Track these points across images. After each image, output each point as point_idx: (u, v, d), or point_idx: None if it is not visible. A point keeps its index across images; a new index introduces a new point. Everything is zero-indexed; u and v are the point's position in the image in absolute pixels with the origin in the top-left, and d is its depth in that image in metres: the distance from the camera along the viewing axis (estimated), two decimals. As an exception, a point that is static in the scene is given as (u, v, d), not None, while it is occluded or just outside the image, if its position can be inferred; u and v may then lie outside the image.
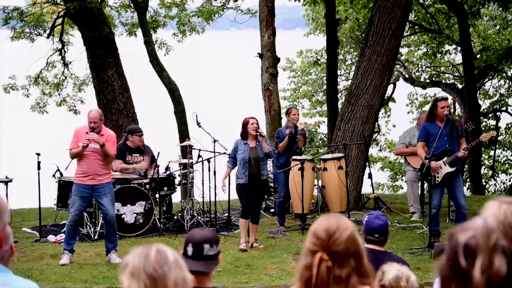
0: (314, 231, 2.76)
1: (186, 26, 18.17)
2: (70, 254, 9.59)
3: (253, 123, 9.98)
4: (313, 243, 2.72)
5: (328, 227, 2.74)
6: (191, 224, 11.30)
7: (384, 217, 5.30)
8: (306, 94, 23.77)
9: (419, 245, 10.06)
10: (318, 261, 2.68)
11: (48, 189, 11.60)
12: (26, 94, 17.68)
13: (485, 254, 2.26)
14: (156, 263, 2.40)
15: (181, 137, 16.56)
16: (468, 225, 2.34)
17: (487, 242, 2.27)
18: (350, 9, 19.48)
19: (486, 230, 2.30)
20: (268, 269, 9.15)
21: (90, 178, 9.42)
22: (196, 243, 3.68)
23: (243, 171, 10.01)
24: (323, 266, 2.68)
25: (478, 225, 2.32)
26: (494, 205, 2.67)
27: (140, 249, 2.48)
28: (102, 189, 9.45)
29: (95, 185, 9.42)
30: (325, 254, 2.69)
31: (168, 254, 2.44)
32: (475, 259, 2.26)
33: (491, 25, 22.94)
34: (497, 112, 23.08)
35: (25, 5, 17.54)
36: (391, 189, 23.50)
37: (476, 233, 2.29)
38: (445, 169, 9.72)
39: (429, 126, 9.80)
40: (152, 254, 2.43)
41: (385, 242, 5.25)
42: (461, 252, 2.28)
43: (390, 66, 12.85)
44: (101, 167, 9.44)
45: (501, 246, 2.28)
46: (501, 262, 2.25)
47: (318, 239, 2.72)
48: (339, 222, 2.76)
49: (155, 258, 2.41)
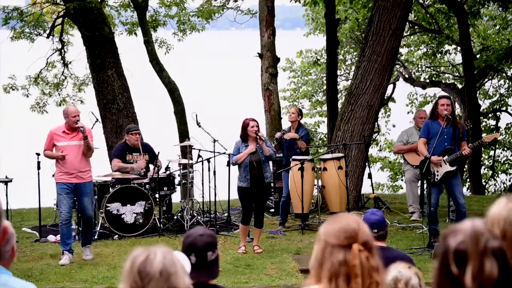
0: (342, 227, 2.76)
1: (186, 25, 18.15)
2: (70, 254, 9.62)
3: (253, 126, 9.79)
4: (345, 237, 2.72)
5: (354, 220, 2.78)
6: (191, 224, 11.29)
7: (380, 212, 5.32)
8: (306, 94, 23.76)
9: (419, 245, 10.06)
10: (358, 251, 2.69)
11: (48, 189, 11.59)
12: (26, 94, 17.66)
13: (475, 259, 2.23)
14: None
15: (181, 137, 16.55)
16: (458, 229, 2.31)
17: (476, 247, 2.24)
18: (350, 9, 19.46)
19: (475, 234, 2.27)
20: (268, 269, 9.15)
21: (74, 176, 9.57)
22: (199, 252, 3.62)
23: (245, 175, 9.84)
24: (362, 257, 2.70)
25: (467, 229, 2.29)
26: (503, 202, 2.66)
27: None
28: (84, 189, 9.63)
29: (78, 183, 9.58)
30: (360, 246, 2.71)
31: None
32: (466, 265, 2.24)
33: (491, 25, 22.93)
34: (497, 112, 23.07)
35: (25, 5, 17.52)
36: (391, 189, 23.48)
37: (465, 238, 2.27)
38: (445, 168, 9.73)
39: (431, 124, 9.81)
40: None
41: (385, 237, 5.24)
42: (452, 259, 2.26)
43: (390, 66, 12.85)
44: (83, 164, 9.61)
45: (491, 249, 2.25)
46: (492, 266, 2.22)
47: (350, 232, 2.73)
48: (353, 217, 2.82)
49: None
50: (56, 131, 9.64)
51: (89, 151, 9.59)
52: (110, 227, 10.95)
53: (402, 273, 3.81)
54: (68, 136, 9.58)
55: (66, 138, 9.58)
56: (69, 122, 9.56)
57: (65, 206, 9.54)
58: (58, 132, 9.63)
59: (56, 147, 9.64)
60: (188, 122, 16.99)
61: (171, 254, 2.46)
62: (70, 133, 9.58)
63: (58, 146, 9.61)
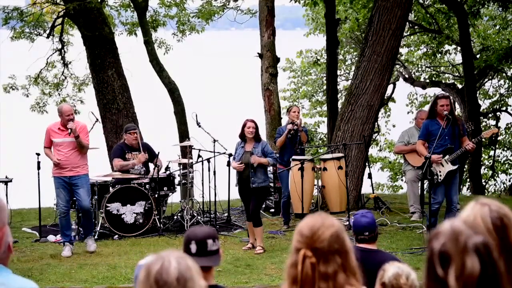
0: (299, 229, 2.79)
1: (185, 26, 18.15)
2: (71, 245, 9.84)
3: (249, 127, 9.80)
4: (298, 241, 2.75)
5: (312, 224, 2.76)
6: (191, 224, 11.29)
7: (370, 214, 5.32)
8: (306, 94, 23.76)
9: (419, 245, 10.06)
10: (302, 257, 2.70)
11: (48, 189, 11.59)
12: (26, 94, 17.67)
13: (457, 259, 2.23)
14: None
15: (181, 137, 16.54)
16: (439, 231, 2.31)
17: (456, 246, 2.24)
18: (350, 9, 19.46)
19: (454, 233, 2.27)
20: (268, 269, 9.15)
21: (68, 170, 9.84)
22: (199, 240, 3.69)
23: (236, 175, 9.94)
24: (307, 263, 2.69)
25: (446, 230, 2.29)
26: (471, 205, 2.66)
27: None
28: (79, 181, 9.87)
29: (73, 176, 9.85)
30: (308, 251, 2.70)
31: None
32: (449, 266, 2.24)
33: (491, 25, 22.93)
34: (497, 112, 23.07)
35: (25, 5, 17.52)
36: (391, 189, 23.48)
37: (445, 239, 2.27)
38: (447, 167, 9.71)
39: (430, 124, 9.78)
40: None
41: (375, 239, 5.26)
42: (437, 261, 2.26)
43: (390, 66, 12.85)
44: (77, 159, 9.87)
45: (472, 246, 2.24)
46: (473, 263, 2.22)
47: (302, 236, 2.74)
48: (324, 220, 2.78)
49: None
50: (53, 128, 9.95)
51: (82, 148, 9.85)
52: (110, 227, 10.95)
53: (402, 269, 3.84)
54: (63, 132, 9.86)
55: (61, 135, 9.87)
56: (63, 120, 9.84)
57: (62, 200, 9.88)
58: (54, 128, 9.93)
59: (53, 143, 9.92)
60: (188, 122, 16.99)
61: (185, 259, 2.46)
62: (65, 130, 9.83)
63: (54, 142, 9.91)
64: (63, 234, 9.98)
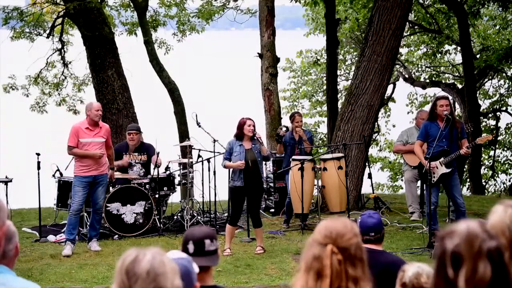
0: (328, 226, 2.81)
1: (185, 26, 18.15)
2: (72, 244, 9.85)
3: (250, 125, 9.70)
4: (325, 236, 2.77)
5: (344, 225, 2.81)
6: (191, 224, 11.28)
7: (377, 215, 5.31)
8: (306, 94, 23.76)
9: (419, 245, 10.06)
10: (330, 252, 2.72)
11: (48, 189, 11.61)
12: (26, 94, 17.67)
13: (469, 262, 2.22)
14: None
15: (181, 137, 16.55)
16: (454, 230, 2.30)
17: (470, 250, 2.23)
18: (350, 9, 19.46)
19: (469, 236, 2.26)
20: (268, 269, 9.14)
21: (94, 169, 9.93)
22: (197, 240, 3.69)
23: (239, 174, 9.74)
24: (334, 259, 2.71)
25: (462, 232, 2.28)
26: (501, 209, 2.64)
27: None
28: (102, 179, 10.03)
29: (97, 175, 9.94)
30: (335, 248, 2.73)
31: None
32: (461, 268, 2.23)
33: (491, 25, 22.93)
34: (497, 112, 23.07)
35: (25, 5, 17.52)
36: (390, 189, 23.48)
37: (460, 240, 2.26)
38: (441, 170, 9.73)
39: (430, 126, 9.79)
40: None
41: (381, 240, 5.24)
42: (449, 262, 2.26)
43: (390, 66, 12.85)
44: (103, 159, 10.02)
45: (486, 250, 2.23)
46: (485, 268, 2.21)
47: (331, 233, 2.77)
48: (353, 227, 2.85)
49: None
50: (81, 126, 9.93)
51: (111, 153, 10.25)
52: (110, 227, 10.95)
53: (422, 268, 3.83)
54: (91, 132, 9.89)
55: (90, 135, 9.89)
56: (91, 115, 9.84)
57: (78, 198, 9.91)
58: (82, 127, 9.90)
59: (79, 142, 9.87)
60: (188, 122, 17.00)
61: (161, 255, 2.46)
62: (93, 130, 9.88)
63: (81, 142, 9.87)
64: (69, 232, 9.92)
